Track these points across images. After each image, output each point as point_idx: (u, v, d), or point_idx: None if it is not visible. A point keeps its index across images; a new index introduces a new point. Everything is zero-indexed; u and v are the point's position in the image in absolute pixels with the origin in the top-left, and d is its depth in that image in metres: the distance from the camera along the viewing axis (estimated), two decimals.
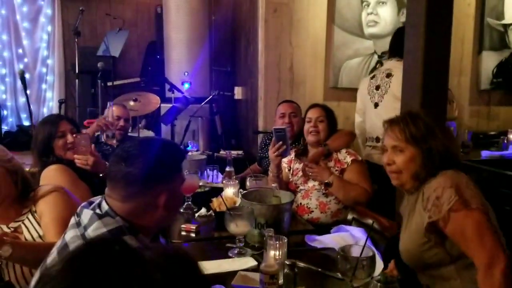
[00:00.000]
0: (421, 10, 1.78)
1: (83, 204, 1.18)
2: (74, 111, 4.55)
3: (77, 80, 4.33)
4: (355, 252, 1.44)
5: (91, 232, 1.06)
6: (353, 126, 3.82)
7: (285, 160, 2.65)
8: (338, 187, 2.31)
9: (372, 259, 1.40)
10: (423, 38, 1.81)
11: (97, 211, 1.12)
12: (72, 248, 1.03)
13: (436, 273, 1.54)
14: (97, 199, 1.18)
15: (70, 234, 1.09)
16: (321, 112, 2.49)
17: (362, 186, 2.32)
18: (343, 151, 2.43)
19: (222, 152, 4.01)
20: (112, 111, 2.53)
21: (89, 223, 1.08)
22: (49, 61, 5.25)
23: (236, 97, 4.62)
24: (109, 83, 4.06)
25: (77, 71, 4.31)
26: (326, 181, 2.32)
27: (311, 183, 2.44)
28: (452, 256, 1.48)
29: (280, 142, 2.39)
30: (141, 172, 1.11)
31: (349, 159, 2.39)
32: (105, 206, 1.13)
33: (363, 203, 2.28)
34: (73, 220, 1.14)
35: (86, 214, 1.11)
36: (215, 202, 2.23)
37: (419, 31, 1.81)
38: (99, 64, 3.76)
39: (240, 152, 4.11)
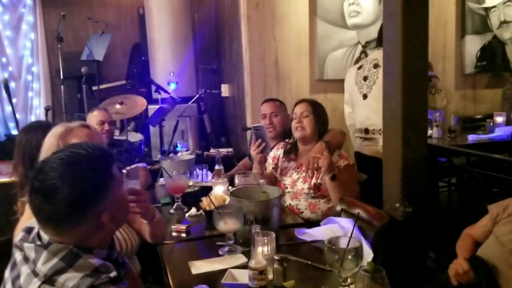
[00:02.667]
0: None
1: (20, 235, 1.07)
2: (62, 117, 4.52)
3: (62, 86, 4.29)
4: (343, 243, 1.45)
5: (41, 267, 0.96)
6: (341, 118, 3.84)
7: (271, 155, 2.66)
8: (339, 183, 2.25)
9: (359, 249, 1.41)
10: (400, 27, 1.81)
11: (38, 243, 1.01)
12: None
13: None
14: (32, 230, 1.07)
15: (23, 274, 0.99)
16: (306, 107, 2.48)
17: (354, 188, 2.32)
18: (336, 153, 2.39)
19: (212, 150, 4.01)
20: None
21: (36, 256, 0.98)
22: (34, 69, 5.20)
23: (223, 94, 4.61)
24: (95, 87, 4.04)
25: (62, 77, 4.27)
26: (333, 173, 2.24)
27: (300, 186, 2.42)
28: None
29: (260, 140, 2.44)
30: (68, 207, 0.98)
31: (341, 163, 2.36)
32: (45, 237, 1.02)
33: None
34: (19, 256, 1.03)
35: (29, 248, 1.00)
36: (205, 201, 2.23)
37: (396, 19, 1.81)
38: (83, 69, 3.74)
39: (230, 149, 4.11)
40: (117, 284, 0.97)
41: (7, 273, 1.06)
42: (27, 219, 1.38)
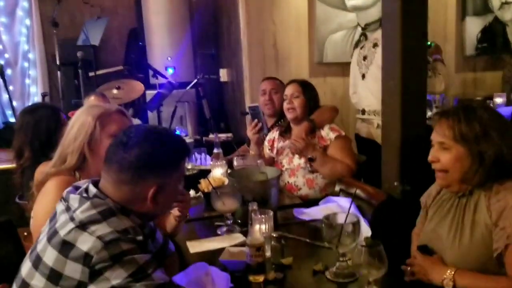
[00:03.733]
0: None
1: (68, 189, 1.15)
2: (59, 104, 4.50)
3: (59, 72, 4.26)
4: (340, 219, 1.45)
5: (79, 214, 1.05)
6: (341, 102, 3.82)
7: (266, 138, 2.66)
8: (321, 162, 2.30)
9: (356, 224, 1.41)
10: (399, 4, 1.79)
11: (84, 195, 1.10)
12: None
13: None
14: (82, 184, 1.16)
15: (61, 220, 1.07)
16: (296, 88, 2.46)
17: (345, 161, 2.30)
18: (326, 127, 2.41)
19: (211, 136, 3.99)
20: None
21: (79, 206, 1.07)
22: (31, 55, 5.15)
23: (222, 79, 4.59)
24: (92, 73, 4.01)
25: (58, 63, 4.24)
26: (309, 156, 2.30)
27: (296, 162, 2.43)
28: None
29: (256, 120, 2.43)
30: (135, 160, 1.10)
31: (332, 135, 2.37)
32: (92, 190, 1.11)
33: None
34: (61, 206, 1.11)
35: (74, 199, 1.09)
36: (203, 184, 2.23)
37: None
38: (79, 54, 3.71)
39: (229, 135, 4.10)
40: (139, 249, 1.02)
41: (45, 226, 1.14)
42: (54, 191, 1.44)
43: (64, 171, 1.50)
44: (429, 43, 2.93)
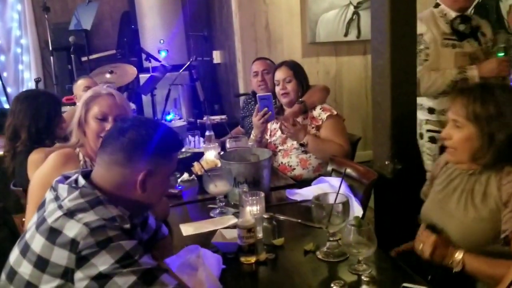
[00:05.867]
0: None
1: (57, 179, 1.16)
2: (53, 89, 4.48)
3: (51, 58, 4.23)
4: (330, 199, 1.47)
5: (67, 202, 1.06)
6: (333, 81, 3.82)
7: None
8: (313, 146, 2.31)
9: (345, 204, 1.42)
10: None
11: (73, 185, 1.12)
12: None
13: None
14: (72, 175, 1.17)
15: (50, 208, 1.09)
16: (287, 72, 2.46)
17: (337, 142, 2.31)
18: (318, 107, 2.41)
19: (205, 118, 3.99)
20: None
21: (67, 195, 1.08)
22: (23, 41, 5.11)
23: (215, 61, 4.56)
24: (84, 58, 3.98)
25: (50, 48, 4.21)
26: (301, 142, 2.32)
27: (289, 143, 2.44)
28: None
29: (266, 109, 2.43)
30: (129, 141, 1.13)
31: (324, 115, 2.38)
32: (81, 181, 1.12)
33: None
34: (50, 195, 1.13)
35: (63, 188, 1.10)
36: (196, 167, 2.24)
37: None
38: (71, 39, 3.69)
39: (223, 117, 4.10)
40: (126, 235, 1.03)
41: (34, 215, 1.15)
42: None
43: (68, 147, 1.70)
44: None
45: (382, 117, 1.94)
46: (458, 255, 1.34)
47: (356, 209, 1.76)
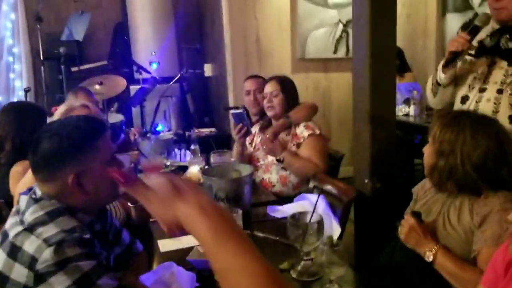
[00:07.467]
0: None
1: (22, 191, 1.17)
2: (43, 98, 4.49)
3: (42, 67, 4.25)
4: (307, 218, 1.49)
5: (28, 216, 1.07)
6: (322, 96, 3.86)
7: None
8: (289, 163, 2.32)
9: (320, 223, 1.44)
10: (369, 4, 1.82)
11: (33, 196, 1.13)
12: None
13: None
14: (33, 188, 1.17)
15: (10, 222, 1.10)
16: (275, 86, 2.47)
17: (314, 161, 2.30)
18: (302, 125, 2.41)
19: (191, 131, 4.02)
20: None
21: (26, 208, 1.09)
22: (15, 50, 5.12)
23: (206, 74, 4.60)
24: (75, 68, 4.00)
25: (42, 58, 4.23)
26: (277, 157, 2.33)
27: (270, 158, 2.45)
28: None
29: (241, 124, 2.46)
30: (40, 159, 1.11)
31: (306, 133, 2.38)
32: (38, 192, 1.13)
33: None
34: (14, 208, 1.14)
35: (23, 200, 1.12)
36: None
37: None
38: (62, 49, 3.71)
39: (212, 129, 4.12)
40: (85, 246, 1.03)
41: None
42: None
43: None
44: None
45: (363, 137, 1.98)
46: (433, 246, 1.38)
47: (334, 228, 1.78)
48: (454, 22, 4.13)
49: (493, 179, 1.35)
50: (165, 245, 1.67)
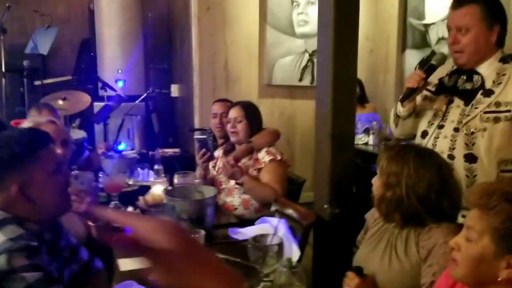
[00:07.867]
0: (331, 10, 1.89)
1: None
2: (2, 111, 4.36)
3: (3, 79, 4.14)
4: (268, 241, 1.52)
5: None
6: (287, 122, 3.95)
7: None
8: (248, 187, 2.35)
9: (280, 246, 1.48)
10: (333, 38, 1.92)
11: None
12: None
13: None
14: None
15: None
16: (239, 112, 2.52)
17: (272, 186, 2.35)
18: (264, 150, 2.46)
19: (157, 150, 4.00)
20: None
21: None
22: None
23: (173, 94, 4.61)
24: (38, 82, 3.93)
25: (3, 70, 4.13)
26: (237, 181, 2.37)
27: (232, 182, 2.47)
28: None
29: (204, 150, 2.50)
30: None
31: (267, 158, 2.42)
32: None
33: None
34: None
35: None
36: (142, 200, 2.25)
37: (329, 31, 1.92)
38: (25, 63, 3.65)
39: (176, 150, 4.12)
40: (32, 255, 1.03)
41: None
42: None
43: None
44: None
45: (323, 164, 2.05)
46: None
47: (294, 251, 1.82)
48: (413, 58, 4.36)
49: (436, 211, 1.40)
50: (126, 263, 1.66)
